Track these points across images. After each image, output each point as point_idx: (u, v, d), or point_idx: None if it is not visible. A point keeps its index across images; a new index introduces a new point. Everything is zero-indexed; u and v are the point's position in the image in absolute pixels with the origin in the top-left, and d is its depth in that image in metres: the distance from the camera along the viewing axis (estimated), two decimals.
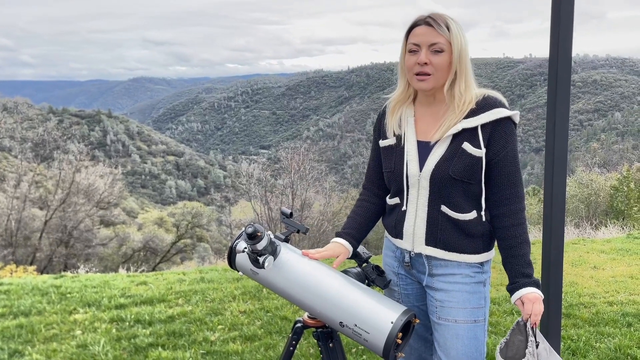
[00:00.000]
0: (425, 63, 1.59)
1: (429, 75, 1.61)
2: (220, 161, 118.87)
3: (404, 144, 1.71)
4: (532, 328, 1.61)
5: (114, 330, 3.87)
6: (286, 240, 1.60)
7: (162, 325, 3.93)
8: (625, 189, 18.34)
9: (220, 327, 3.91)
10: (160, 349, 3.52)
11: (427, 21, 1.60)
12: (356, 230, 1.78)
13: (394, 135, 1.73)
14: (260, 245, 1.45)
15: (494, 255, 1.77)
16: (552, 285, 2.39)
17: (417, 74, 1.62)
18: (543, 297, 1.63)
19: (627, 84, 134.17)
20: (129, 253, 27.45)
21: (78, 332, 3.85)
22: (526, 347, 1.57)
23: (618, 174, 20.68)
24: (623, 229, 10.67)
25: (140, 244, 27.66)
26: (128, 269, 8.74)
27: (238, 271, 1.63)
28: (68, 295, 4.67)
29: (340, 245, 1.72)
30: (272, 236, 1.53)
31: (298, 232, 1.59)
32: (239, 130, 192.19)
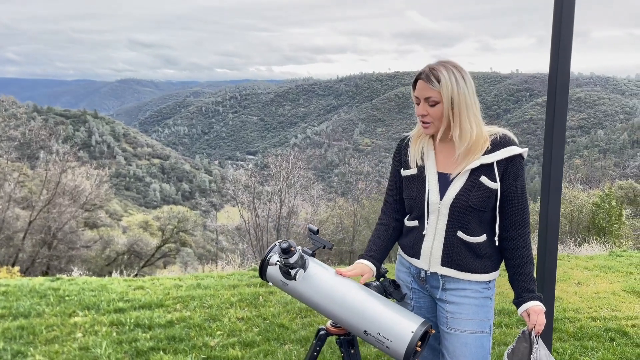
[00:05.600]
0: (424, 114, 1.83)
1: (430, 122, 1.84)
2: (206, 166, 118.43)
3: (425, 175, 1.89)
4: (535, 336, 1.79)
5: (114, 334, 3.94)
6: (313, 254, 1.74)
7: (162, 330, 4.02)
8: (607, 206, 18.70)
9: (219, 333, 4.00)
10: (161, 353, 3.60)
11: (422, 77, 1.81)
12: (378, 252, 1.96)
13: (416, 165, 1.92)
14: (292, 259, 1.59)
15: (498, 274, 1.95)
16: (545, 301, 2.55)
17: (422, 121, 1.86)
18: (545, 309, 1.83)
19: (610, 102, 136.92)
20: (112, 256, 27.24)
21: (79, 334, 3.92)
22: (530, 353, 1.75)
23: (600, 191, 21.10)
24: (605, 245, 10.94)
25: (124, 247, 27.46)
26: (121, 273, 8.76)
27: (268, 282, 1.76)
28: (66, 298, 4.73)
29: (365, 266, 1.89)
30: (301, 251, 1.67)
31: (324, 247, 1.73)
32: (226, 135, 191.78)
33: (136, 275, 6.82)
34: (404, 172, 1.96)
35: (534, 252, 2.77)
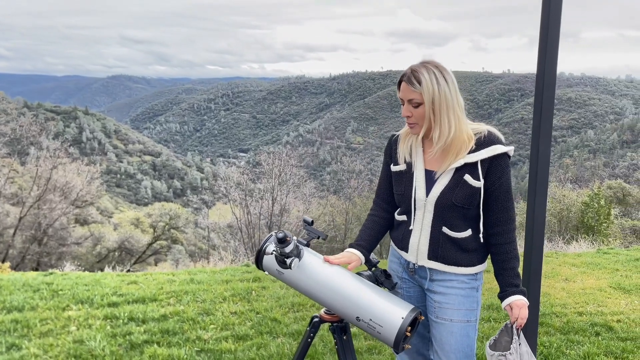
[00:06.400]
0: (408, 116, 1.87)
1: (415, 124, 1.88)
2: (197, 163, 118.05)
3: (413, 171, 1.95)
4: (517, 330, 1.85)
5: (108, 327, 3.98)
6: (307, 245, 1.81)
7: (155, 323, 4.06)
8: (596, 205, 18.90)
9: (212, 326, 4.06)
10: (155, 345, 3.65)
11: (404, 79, 1.85)
12: (367, 242, 2.01)
13: (405, 162, 1.97)
14: (288, 249, 1.66)
15: (486, 267, 2.02)
16: (530, 296, 2.63)
17: (407, 123, 1.91)
18: (528, 303, 1.89)
19: (600, 103, 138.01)
20: (103, 253, 27.16)
21: (73, 328, 3.96)
22: (511, 344, 1.82)
23: (589, 191, 21.34)
24: (593, 244, 11.10)
25: (115, 244, 27.39)
26: (113, 269, 8.78)
27: (264, 271, 1.83)
28: (60, 292, 4.76)
29: (353, 254, 1.95)
30: (296, 241, 1.73)
31: (318, 238, 1.79)
32: (218, 133, 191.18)
33: (128, 271, 6.85)
34: (393, 168, 2.02)
35: (521, 249, 2.86)
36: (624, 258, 7.25)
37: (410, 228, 1.96)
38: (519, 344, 1.86)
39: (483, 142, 1.87)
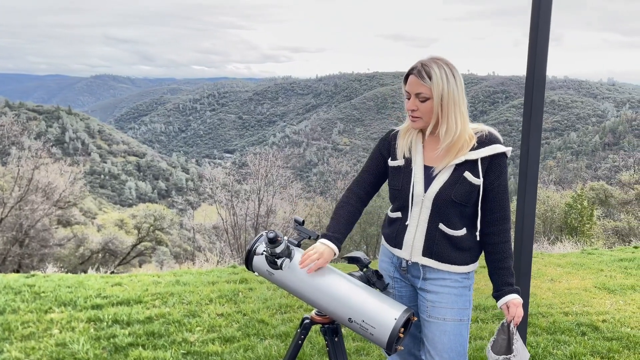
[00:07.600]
0: (413, 109, 1.87)
1: (419, 117, 1.87)
2: (183, 164, 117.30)
3: (412, 167, 1.93)
4: (514, 327, 1.86)
5: (92, 330, 3.90)
6: (298, 245, 1.78)
7: (140, 326, 3.99)
8: (579, 206, 19.13)
9: (198, 328, 4.00)
10: (140, 348, 3.58)
11: (414, 73, 1.85)
12: (342, 235, 1.95)
13: (404, 157, 1.96)
14: (279, 249, 1.62)
15: (477, 265, 2.01)
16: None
17: (411, 116, 1.90)
18: (523, 302, 1.90)
19: (582, 106, 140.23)
20: (86, 254, 26.79)
21: (55, 331, 3.87)
22: (510, 344, 1.83)
23: (572, 192, 21.60)
24: (577, 244, 11.21)
25: (99, 246, 27.03)
26: (97, 270, 8.65)
27: (254, 271, 1.79)
28: (42, 294, 4.66)
29: (328, 248, 1.86)
30: (287, 241, 1.70)
31: (309, 238, 1.76)
32: (204, 133, 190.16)
33: (112, 273, 6.75)
34: (391, 163, 2.00)
35: None
36: (608, 258, 7.32)
37: (405, 224, 1.95)
38: (517, 341, 1.87)
39: (484, 140, 1.89)
